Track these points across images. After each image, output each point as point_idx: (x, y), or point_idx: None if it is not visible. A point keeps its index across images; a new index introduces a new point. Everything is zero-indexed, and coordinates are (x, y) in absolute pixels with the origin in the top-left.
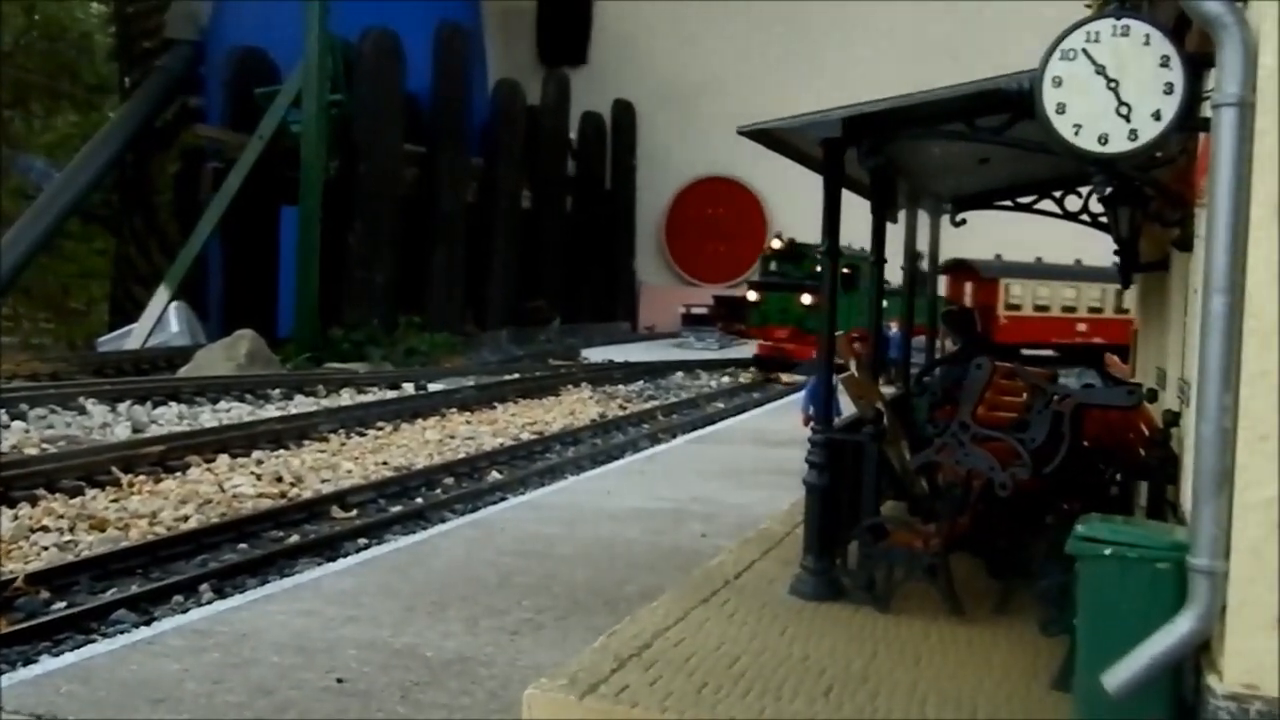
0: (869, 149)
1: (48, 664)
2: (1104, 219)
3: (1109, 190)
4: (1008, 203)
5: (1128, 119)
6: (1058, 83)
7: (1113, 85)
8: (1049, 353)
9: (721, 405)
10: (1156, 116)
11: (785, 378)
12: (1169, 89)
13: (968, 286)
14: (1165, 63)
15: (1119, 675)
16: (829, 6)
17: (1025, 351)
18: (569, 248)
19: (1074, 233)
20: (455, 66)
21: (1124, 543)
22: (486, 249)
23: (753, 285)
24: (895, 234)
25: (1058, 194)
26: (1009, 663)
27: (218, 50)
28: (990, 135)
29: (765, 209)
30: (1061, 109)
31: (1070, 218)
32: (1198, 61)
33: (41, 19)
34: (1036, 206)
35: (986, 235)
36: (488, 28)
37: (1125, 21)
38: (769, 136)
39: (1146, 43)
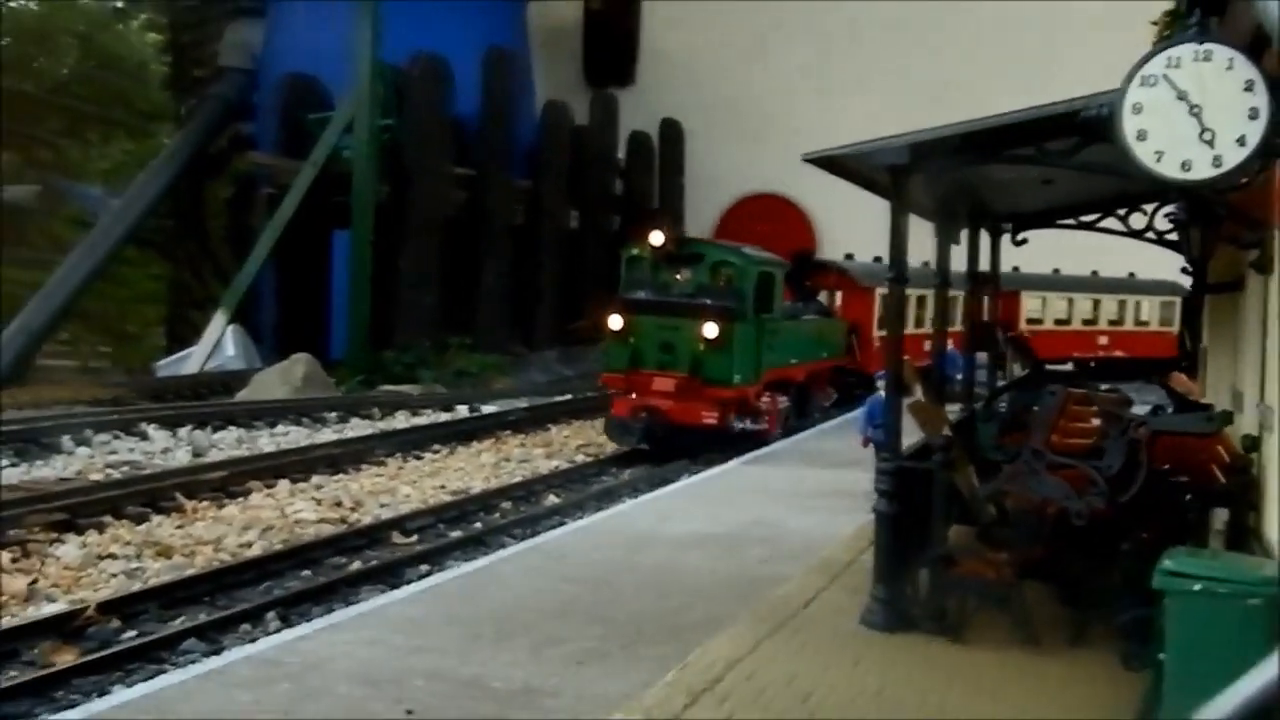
0: (936, 173)
1: (121, 695)
2: (1170, 237)
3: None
4: (1070, 221)
5: (1211, 145)
6: (1138, 109)
7: (1195, 111)
8: None
9: None
10: (1241, 142)
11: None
12: (1254, 114)
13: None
14: (1249, 87)
15: (1209, 715)
16: (879, 24)
17: None
18: (616, 267)
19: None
20: (502, 89)
21: (1213, 577)
22: (534, 270)
23: (614, 304)
24: None
25: (1121, 212)
26: (1089, 696)
27: (270, 78)
28: (1059, 159)
29: (813, 225)
30: (1142, 135)
31: (1135, 236)
32: None
33: (97, 48)
34: (1100, 225)
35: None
36: (534, 50)
37: (1208, 46)
38: (834, 164)
39: (1230, 67)
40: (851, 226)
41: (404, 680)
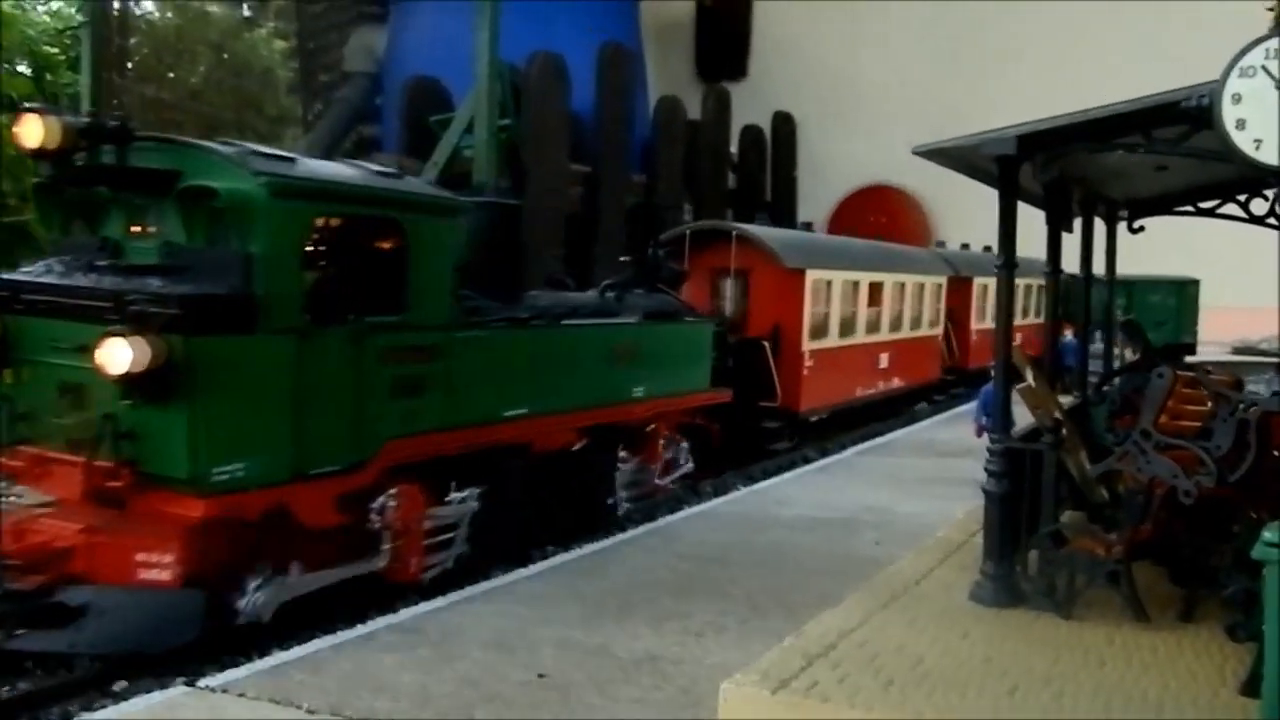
0: (1044, 163)
1: (280, 656)
2: None
3: None
4: (1188, 207)
5: None
6: (1237, 99)
7: None
8: None
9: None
10: None
11: None
12: None
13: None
14: None
15: None
16: (994, 10)
17: None
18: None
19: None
20: (617, 86)
21: None
22: None
23: None
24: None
25: (1242, 197)
26: (1195, 668)
27: (393, 81)
28: (1167, 147)
29: (928, 216)
30: (1241, 125)
31: (1257, 222)
32: None
33: (228, 56)
34: (1219, 211)
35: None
36: (647, 46)
37: None
38: (944, 155)
39: None
40: (970, 218)
41: (534, 648)
